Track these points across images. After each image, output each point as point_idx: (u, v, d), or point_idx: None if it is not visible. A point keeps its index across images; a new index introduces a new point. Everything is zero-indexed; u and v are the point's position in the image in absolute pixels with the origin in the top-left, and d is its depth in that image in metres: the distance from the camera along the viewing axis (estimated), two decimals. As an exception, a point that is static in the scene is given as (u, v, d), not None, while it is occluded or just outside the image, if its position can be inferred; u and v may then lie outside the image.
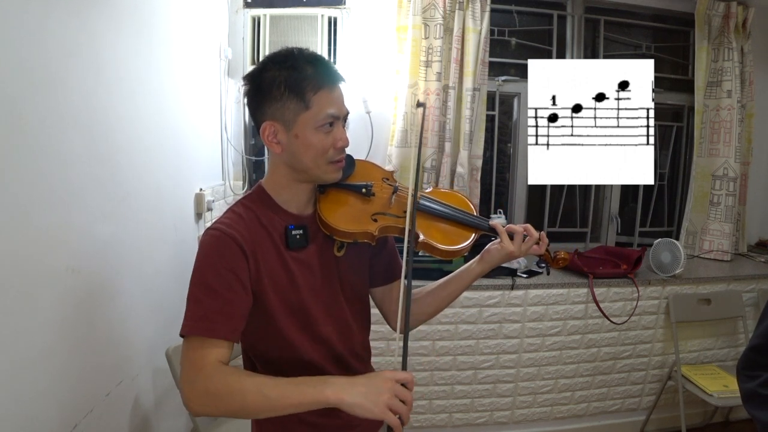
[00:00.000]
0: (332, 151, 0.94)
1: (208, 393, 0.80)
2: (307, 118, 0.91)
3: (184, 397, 0.82)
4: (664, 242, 2.38)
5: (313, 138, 0.91)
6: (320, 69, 0.92)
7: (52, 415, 1.07)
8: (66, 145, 1.11)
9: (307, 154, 0.92)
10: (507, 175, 2.76)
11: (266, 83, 0.92)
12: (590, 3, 2.67)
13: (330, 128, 0.93)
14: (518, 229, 1.04)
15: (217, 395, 0.79)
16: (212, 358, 0.83)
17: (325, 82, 0.92)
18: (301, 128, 0.91)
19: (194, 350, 0.83)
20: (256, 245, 0.91)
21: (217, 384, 0.80)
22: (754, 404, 1.00)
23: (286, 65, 0.91)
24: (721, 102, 2.59)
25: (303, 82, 0.90)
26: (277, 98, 0.91)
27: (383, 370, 0.84)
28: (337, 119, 0.94)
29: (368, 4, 2.36)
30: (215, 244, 0.88)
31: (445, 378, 2.21)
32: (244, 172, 2.38)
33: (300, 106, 0.90)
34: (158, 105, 1.59)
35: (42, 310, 1.04)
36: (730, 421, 2.56)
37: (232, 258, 0.88)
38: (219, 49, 2.16)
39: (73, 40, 1.13)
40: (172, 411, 1.71)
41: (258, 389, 0.79)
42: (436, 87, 2.35)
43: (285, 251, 0.95)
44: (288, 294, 0.94)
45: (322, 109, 0.91)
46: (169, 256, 1.69)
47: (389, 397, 0.79)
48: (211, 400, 0.79)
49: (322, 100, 0.91)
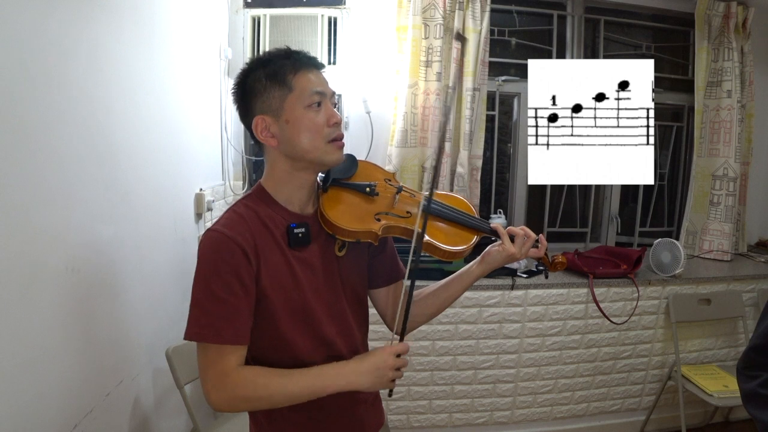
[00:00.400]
0: (327, 129, 0.93)
1: (236, 398, 0.87)
2: (293, 100, 0.91)
3: (211, 402, 0.87)
4: (664, 242, 2.38)
5: (305, 118, 0.91)
6: (296, 56, 0.94)
7: (52, 415, 1.07)
8: (66, 144, 1.11)
9: (302, 137, 0.92)
10: (507, 175, 2.76)
11: (249, 84, 0.94)
12: (590, 3, 2.67)
13: (319, 107, 0.93)
14: (519, 231, 1.05)
15: (245, 399, 0.87)
16: (233, 364, 0.87)
17: (303, 65, 0.93)
18: (290, 112, 0.91)
19: (212, 356, 0.87)
20: (257, 245, 0.91)
21: (245, 390, 0.86)
22: (754, 404, 1.00)
23: (262, 62, 0.94)
24: (721, 102, 2.59)
25: (281, 69, 0.92)
26: (261, 91, 0.92)
27: (384, 348, 0.95)
28: (324, 96, 0.93)
29: (368, 4, 2.36)
30: (216, 247, 0.88)
31: (445, 378, 2.21)
32: (244, 172, 2.38)
33: (284, 90, 0.91)
34: (158, 105, 1.59)
35: (42, 310, 1.04)
36: (730, 421, 2.57)
37: (233, 260, 0.87)
38: (219, 49, 2.16)
39: (72, 40, 1.13)
40: (172, 411, 1.71)
41: (283, 389, 0.88)
42: (436, 87, 2.35)
43: (287, 250, 0.94)
44: (291, 293, 0.94)
45: (306, 87, 0.91)
46: (169, 256, 1.69)
47: (393, 374, 0.93)
48: (239, 404, 0.88)
49: (303, 79, 0.92)
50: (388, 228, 0.99)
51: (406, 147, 2.37)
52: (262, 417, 1.01)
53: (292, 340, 0.94)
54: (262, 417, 1.01)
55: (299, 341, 0.95)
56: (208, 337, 0.86)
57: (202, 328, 0.86)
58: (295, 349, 0.95)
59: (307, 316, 0.96)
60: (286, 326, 0.93)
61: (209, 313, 0.86)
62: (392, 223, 0.99)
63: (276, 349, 0.95)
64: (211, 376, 0.86)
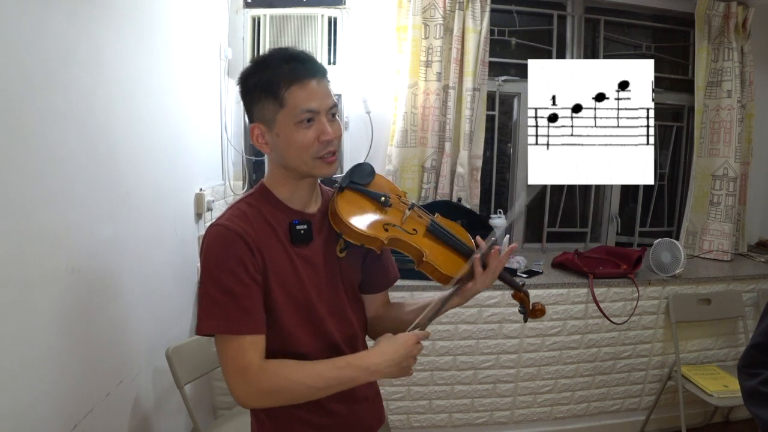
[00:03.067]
0: (317, 146, 0.91)
1: (260, 392, 0.86)
2: (284, 116, 0.90)
3: (236, 397, 0.87)
4: (664, 242, 2.38)
5: (294, 135, 0.91)
6: (295, 65, 0.91)
7: (52, 415, 1.07)
8: (66, 144, 1.11)
9: (290, 152, 0.92)
10: (507, 175, 2.76)
11: (249, 87, 0.93)
12: (590, 3, 2.67)
13: (309, 124, 0.91)
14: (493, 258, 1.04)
15: (269, 392, 0.87)
16: (254, 357, 0.87)
17: (298, 78, 0.90)
18: (281, 127, 0.91)
19: (232, 350, 0.87)
20: (261, 241, 0.91)
21: (268, 383, 0.86)
22: (755, 402, 1.00)
23: (262, 66, 0.92)
24: (721, 102, 2.59)
25: (275, 81, 0.90)
26: (257, 100, 0.92)
27: (409, 337, 0.94)
28: (317, 113, 0.91)
29: (368, 4, 2.36)
30: (222, 241, 0.89)
31: (445, 378, 2.21)
32: (244, 172, 2.38)
33: (275, 105, 0.90)
34: (158, 105, 1.59)
35: (42, 310, 1.04)
36: (730, 421, 2.56)
37: (239, 253, 0.88)
38: (219, 49, 2.16)
39: (72, 40, 1.13)
40: (172, 411, 1.71)
41: (306, 382, 0.87)
42: (436, 87, 2.35)
43: (290, 247, 0.95)
44: (293, 290, 0.94)
45: (297, 105, 0.90)
46: (169, 256, 1.69)
47: (413, 362, 0.94)
48: (264, 399, 0.88)
49: (295, 95, 0.90)
50: (394, 240, 1.01)
51: (406, 147, 2.37)
52: (262, 412, 1.01)
53: (295, 335, 0.95)
54: (262, 412, 1.01)
55: (302, 337, 0.96)
56: (223, 328, 0.86)
57: (216, 320, 0.86)
58: (298, 345, 0.95)
59: (310, 312, 0.97)
60: (289, 322, 0.94)
61: (222, 306, 0.86)
62: (398, 236, 1.01)
63: (279, 344, 0.95)
64: (233, 370, 0.86)
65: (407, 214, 1.04)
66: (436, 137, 2.39)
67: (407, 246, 1.02)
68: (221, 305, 0.87)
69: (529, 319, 1.13)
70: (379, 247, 1.00)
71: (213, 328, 0.87)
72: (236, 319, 0.87)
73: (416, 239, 1.02)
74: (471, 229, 1.13)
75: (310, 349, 0.96)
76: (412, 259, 1.04)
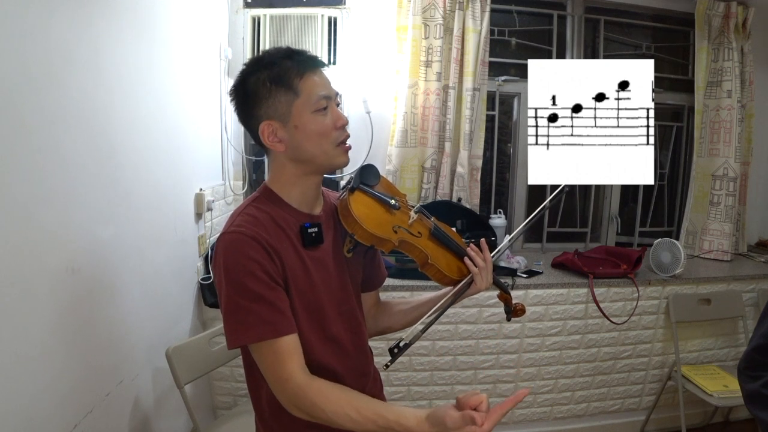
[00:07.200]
0: (335, 132, 0.93)
1: (298, 408, 0.86)
2: (300, 105, 0.91)
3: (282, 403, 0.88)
4: (664, 242, 2.38)
5: (313, 123, 0.91)
6: (298, 58, 0.92)
7: (52, 415, 1.07)
8: (66, 144, 1.11)
9: (310, 142, 0.92)
10: (507, 175, 2.76)
11: (251, 87, 0.92)
12: (590, 3, 2.67)
13: (325, 111, 0.92)
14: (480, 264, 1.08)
15: (307, 412, 0.85)
16: (294, 369, 0.86)
17: (308, 67, 0.92)
18: (298, 117, 0.91)
19: (269, 358, 0.86)
20: (277, 245, 0.90)
21: (306, 403, 0.85)
22: (757, 405, 1.00)
23: (264, 64, 0.92)
24: (721, 102, 2.59)
25: (286, 73, 0.90)
26: (266, 96, 0.91)
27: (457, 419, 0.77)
28: (330, 100, 0.93)
29: (368, 4, 2.36)
30: (238, 247, 0.87)
31: (445, 378, 2.21)
32: (244, 172, 2.38)
33: (290, 95, 0.90)
34: (158, 105, 1.59)
35: (42, 310, 1.04)
36: (730, 421, 2.57)
37: (259, 257, 0.87)
38: (219, 49, 2.16)
39: (73, 40, 1.13)
40: (172, 411, 1.71)
41: (345, 413, 0.83)
42: (436, 87, 2.35)
43: (302, 250, 0.95)
44: (306, 293, 0.94)
45: (313, 92, 0.91)
46: (169, 256, 1.69)
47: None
48: (302, 414, 0.86)
49: (310, 83, 0.91)
50: (403, 242, 1.02)
51: (406, 147, 2.37)
52: (266, 407, 1.00)
53: (306, 337, 0.94)
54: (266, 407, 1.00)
55: (312, 339, 0.95)
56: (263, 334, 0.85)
57: (253, 327, 0.85)
58: (306, 346, 0.94)
59: (318, 315, 0.96)
60: (302, 325, 0.93)
61: (254, 312, 0.85)
62: (406, 239, 1.02)
63: None
64: (273, 380, 0.87)
65: (413, 217, 1.06)
66: (436, 137, 2.39)
67: (413, 248, 1.03)
68: (255, 314, 0.85)
69: (512, 318, 1.19)
70: (389, 249, 1.00)
71: (252, 338, 0.85)
72: (272, 323, 0.85)
73: (421, 242, 1.04)
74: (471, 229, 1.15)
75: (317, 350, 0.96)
76: (414, 260, 1.06)
